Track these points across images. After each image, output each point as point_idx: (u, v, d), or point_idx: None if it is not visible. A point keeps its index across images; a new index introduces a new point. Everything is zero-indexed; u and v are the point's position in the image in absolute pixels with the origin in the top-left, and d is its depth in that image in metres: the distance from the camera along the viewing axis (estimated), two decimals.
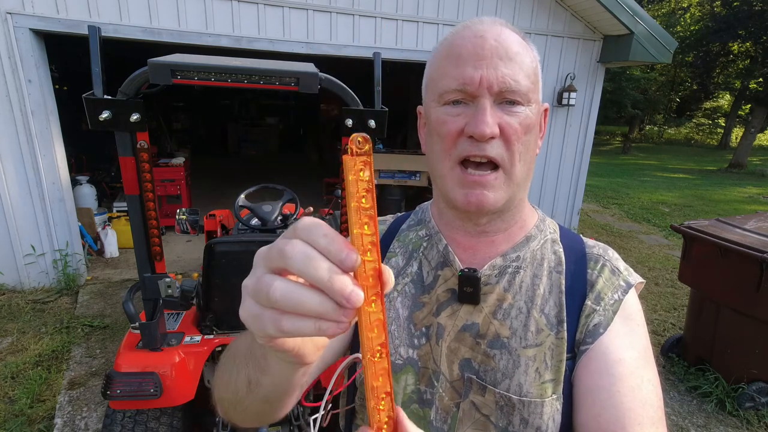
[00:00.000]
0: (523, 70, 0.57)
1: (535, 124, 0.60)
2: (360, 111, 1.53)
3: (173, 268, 4.50)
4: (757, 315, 2.55)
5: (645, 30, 4.67)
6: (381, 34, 4.38)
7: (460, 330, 0.63)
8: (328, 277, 0.29)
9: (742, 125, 20.28)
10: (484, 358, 0.61)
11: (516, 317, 0.61)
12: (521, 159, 0.59)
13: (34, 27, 3.40)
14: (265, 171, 9.73)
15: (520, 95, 0.57)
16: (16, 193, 3.68)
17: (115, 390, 1.59)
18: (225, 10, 3.83)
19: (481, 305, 0.63)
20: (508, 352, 0.60)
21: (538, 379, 0.58)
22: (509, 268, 0.63)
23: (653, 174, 13.23)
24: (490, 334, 0.61)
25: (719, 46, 16.76)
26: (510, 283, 0.63)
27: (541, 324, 0.61)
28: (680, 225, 2.99)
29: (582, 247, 0.67)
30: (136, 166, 1.43)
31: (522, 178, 0.61)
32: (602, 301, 0.61)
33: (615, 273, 0.64)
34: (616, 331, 0.59)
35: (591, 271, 0.64)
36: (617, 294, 0.62)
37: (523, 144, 0.58)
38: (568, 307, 0.62)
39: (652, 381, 0.57)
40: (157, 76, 1.28)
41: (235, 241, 1.81)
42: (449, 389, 0.62)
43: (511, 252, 0.64)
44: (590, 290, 0.62)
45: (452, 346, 0.63)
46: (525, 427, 0.58)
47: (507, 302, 0.62)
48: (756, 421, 2.67)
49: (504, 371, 0.60)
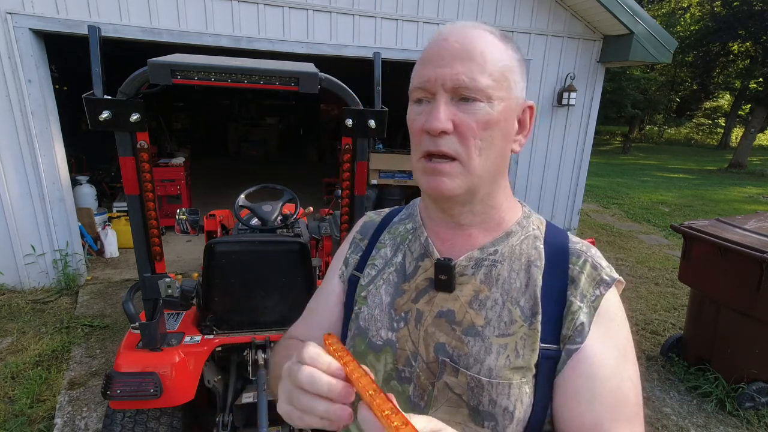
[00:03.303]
0: (484, 68, 0.59)
1: (497, 120, 0.61)
2: (360, 111, 1.53)
3: (173, 268, 4.50)
4: (757, 315, 2.55)
5: (645, 30, 4.67)
6: (381, 34, 4.38)
7: (436, 316, 0.68)
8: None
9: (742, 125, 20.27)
10: (458, 343, 0.65)
11: (491, 308, 0.65)
12: (481, 154, 0.61)
13: (34, 27, 3.40)
14: (265, 171, 9.73)
15: (477, 92, 0.59)
16: (16, 193, 3.68)
17: (115, 390, 1.59)
18: (225, 10, 3.83)
19: (456, 294, 0.67)
20: (481, 339, 0.64)
21: (508, 365, 0.62)
22: (486, 261, 0.67)
23: (653, 174, 13.23)
24: (466, 323, 0.66)
25: (719, 46, 16.76)
26: (487, 276, 0.66)
27: (515, 315, 0.64)
28: (680, 225, 2.99)
29: (566, 242, 0.68)
30: (136, 166, 1.43)
31: (484, 172, 0.63)
32: (585, 298, 0.63)
33: (596, 268, 0.65)
34: (598, 333, 0.62)
35: (572, 266, 0.65)
36: (599, 290, 0.64)
37: (482, 140, 0.61)
38: (546, 299, 0.64)
39: (631, 378, 0.62)
40: (157, 76, 1.27)
41: (235, 241, 1.81)
42: (425, 369, 0.67)
43: (489, 246, 0.68)
44: (571, 284, 0.64)
45: (429, 330, 0.68)
46: (493, 407, 0.62)
47: (483, 294, 0.66)
48: (756, 421, 2.67)
49: (476, 356, 0.64)
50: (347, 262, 0.81)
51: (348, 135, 1.57)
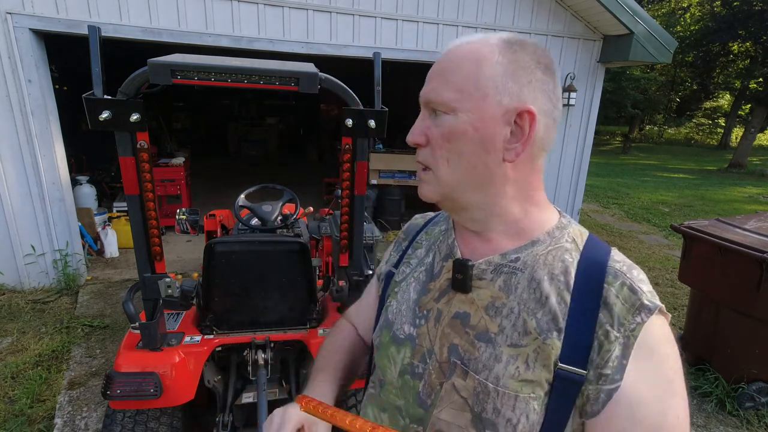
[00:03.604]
0: (449, 82, 0.62)
1: (463, 131, 0.62)
2: (360, 111, 1.53)
3: (173, 268, 4.50)
4: (757, 315, 2.55)
5: (645, 30, 4.66)
6: (381, 34, 4.38)
7: (453, 317, 0.69)
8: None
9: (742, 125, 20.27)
10: (469, 347, 0.66)
11: (506, 316, 0.64)
12: (449, 164, 0.64)
13: (34, 27, 3.40)
14: (265, 171, 9.73)
15: (441, 105, 0.63)
16: (16, 193, 3.68)
17: (115, 390, 1.59)
18: (225, 10, 3.83)
19: (473, 297, 0.67)
20: (492, 346, 0.64)
21: (516, 376, 0.61)
22: (506, 267, 0.66)
23: (653, 174, 13.23)
24: (480, 327, 0.65)
25: (719, 46, 16.76)
26: (506, 283, 0.65)
27: (530, 327, 0.62)
28: (680, 225, 2.99)
29: (604, 259, 0.63)
30: (136, 166, 1.43)
31: (453, 181, 0.65)
32: (622, 326, 0.58)
33: (635, 292, 0.59)
34: (638, 369, 0.57)
35: (607, 286, 0.60)
36: (639, 317, 0.58)
37: (449, 150, 0.64)
38: (573, 318, 0.60)
39: (678, 416, 0.57)
40: (157, 76, 1.27)
41: (235, 241, 1.81)
42: (437, 368, 0.68)
43: (512, 253, 0.66)
44: (604, 307, 0.59)
45: (446, 330, 0.69)
46: (497, 416, 0.62)
47: (500, 301, 0.65)
48: (756, 421, 2.67)
49: (485, 362, 0.64)
50: (389, 259, 0.88)
51: (348, 135, 1.57)
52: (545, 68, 0.63)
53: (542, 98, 0.62)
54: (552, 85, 0.63)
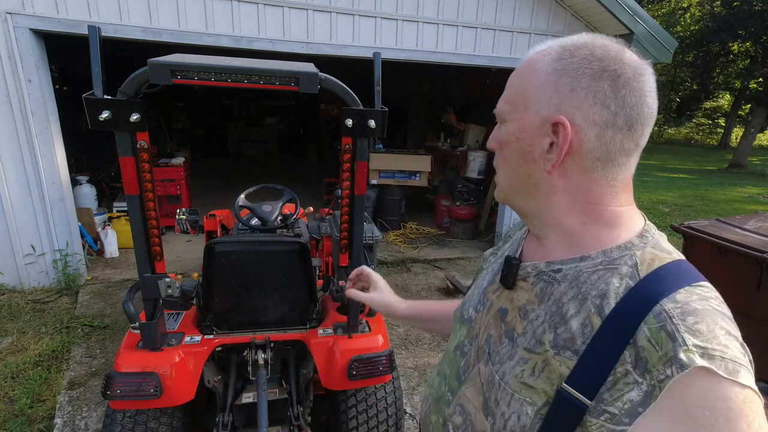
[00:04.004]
0: (506, 93, 0.67)
1: (508, 141, 0.66)
2: (360, 111, 1.53)
3: (173, 268, 4.50)
4: (757, 315, 2.55)
5: (645, 30, 4.67)
6: (381, 34, 4.38)
7: (497, 310, 0.73)
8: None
9: (742, 125, 20.27)
10: (498, 340, 0.70)
11: (532, 321, 0.65)
12: (501, 170, 0.70)
13: (34, 27, 3.40)
14: (265, 171, 9.73)
15: (499, 116, 0.68)
16: (16, 193, 3.68)
17: (115, 390, 1.59)
18: (225, 10, 3.83)
19: (514, 296, 0.70)
20: (512, 344, 0.67)
21: (519, 378, 0.63)
22: (546, 275, 0.66)
23: (653, 174, 13.23)
24: (510, 325, 0.69)
25: (719, 46, 16.75)
26: (542, 291, 0.66)
27: (546, 338, 0.61)
28: (680, 225, 2.99)
29: (660, 295, 0.54)
30: (136, 166, 1.43)
31: (505, 185, 0.70)
32: (649, 372, 0.50)
33: (673, 339, 0.50)
34: (660, 428, 0.49)
35: (643, 325, 0.52)
36: (669, 369, 0.49)
37: (502, 157, 0.69)
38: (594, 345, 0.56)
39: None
40: (157, 76, 1.27)
41: (235, 241, 1.81)
42: (475, 351, 0.75)
43: (557, 263, 0.65)
44: (631, 345, 0.53)
45: (489, 320, 0.74)
46: (496, 406, 0.66)
47: (532, 306, 0.66)
48: None
49: (501, 357, 0.68)
50: (495, 250, 0.92)
51: (348, 135, 1.57)
52: (597, 72, 0.58)
53: (589, 106, 0.58)
54: (609, 89, 0.58)
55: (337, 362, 1.80)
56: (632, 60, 0.59)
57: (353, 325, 1.87)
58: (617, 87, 0.58)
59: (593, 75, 0.58)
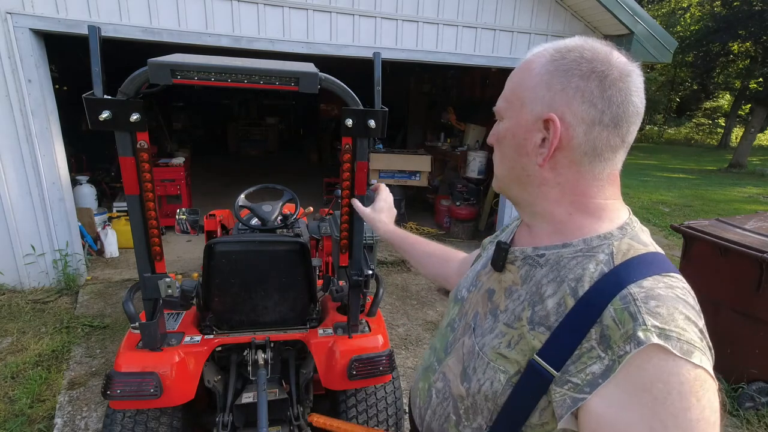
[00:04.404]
0: (504, 93, 0.73)
1: (504, 136, 0.72)
2: (360, 111, 1.53)
3: (173, 268, 4.50)
4: (757, 315, 2.55)
5: (645, 30, 4.67)
6: (381, 34, 4.38)
7: (486, 290, 0.79)
8: None
9: (742, 125, 20.28)
10: (483, 316, 0.77)
11: (514, 300, 0.71)
12: (500, 163, 0.75)
13: (34, 27, 3.40)
14: (265, 171, 9.73)
15: (497, 113, 0.74)
16: (16, 193, 3.68)
17: (115, 390, 1.59)
18: (225, 10, 3.83)
19: (501, 277, 0.76)
20: (494, 320, 0.73)
21: (495, 349, 0.70)
22: (531, 260, 0.72)
23: (653, 174, 13.23)
24: (495, 303, 0.75)
25: (719, 46, 16.74)
26: (527, 273, 0.71)
27: (524, 315, 0.68)
28: (680, 225, 2.99)
29: (629, 281, 0.59)
30: (136, 166, 1.43)
31: (502, 177, 0.76)
32: (610, 349, 0.55)
33: (634, 319, 0.55)
34: (618, 398, 0.54)
35: (610, 306, 0.57)
36: (628, 346, 0.54)
37: (499, 150, 0.75)
38: (566, 323, 0.61)
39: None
40: (157, 76, 1.27)
41: (235, 241, 1.81)
42: (463, 327, 0.82)
43: (542, 249, 0.71)
44: (597, 324, 0.57)
45: (478, 299, 0.80)
46: (473, 373, 0.73)
47: (516, 286, 0.72)
48: (756, 421, 2.67)
49: (483, 331, 0.74)
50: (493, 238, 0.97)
51: (348, 135, 1.57)
52: (586, 73, 0.62)
53: (578, 104, 0.62)
54: (596, 88, 0.62)
55: (337, 362, 1.80)
56: (619, 62, 0.63)
57: (353, 325, 1.87)
58: (604, 87, 0.62)
59: (582, 75, 0.62)
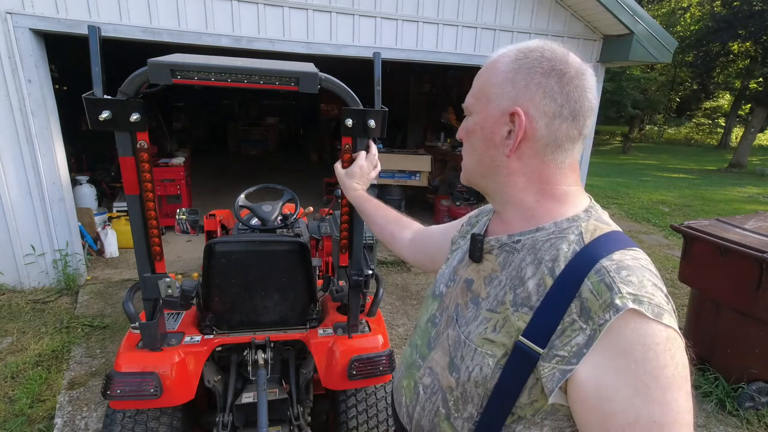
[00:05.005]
0: (472, 90, 0.77)
1: (473, 129, 0.76)
2: (360, 111, 1.53)
3: (173, 268, 4.50)
4: (757, 315, 2.55)
5: (645, 30, 4.67)
6: (381, 34, 4.38)
7: (464, 281, 0.82)
8: None
9: (742, 125, 20.28)
10: (464, 306, 0.79)
11: (495, 286, 0.74)
12: (468, 156, 0.80)
13: (34, 27, 3.40)
14: (265, 171, 9.73)
15: (466, 109, 0.79)
16: (16, 193, 3.68)
17: (115, 390, 1.59)
18: (225, 10, 3.83)
19: (479, 267, 0.79)
20: (477, 308, 0.76)
21: (482, 335, 0.72)
22: (508, 246, 0.75)
23: (653, 174, 13.23)
24: (475, 292, 0.78)
25: (719, 46, 16.75)
26: (505, 260, 0.75)
27: (507, 299, 0.71)
28: (680, 225, 2.99)
29: (600, 256, 0.64)
30: (136, 166, 1.43)
31: (470, 169, 0.80)
32: (591, 319, 0.60)
33: (611, 289, 0.60)
34: (602, 363, 0.59)
35: (586, 281, 0.62)
36: (607, 314, 0.59)
37: (468, 144, 0.79)
38: (546, 301, 0.65)
39: (655, 420, 0.56)
40: (157, 76, 1.27)
41: (235, 241, 1.81)
42: (445, 320, 0.83)
43: (517, 235, 0.75)
44: (577, 298, 0.62)
45: (458, 291, 0.83)
46: (461, 362, 0.74)
47: (496, 273, 0.75)
48: (756, 421, 2.67)
49: (467, 320, 0.76)
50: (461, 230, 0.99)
51: (348, 135, 1.57)
52: (547, 71, 0.68)
53: (540, 99, 0.68)
54: (556, 85, 0.67)
55: (337, 362, 1.80)
56: (575, 62, 0.70)
57: (353, 325, 1.87)
58: (563, 83, 0.68)
59: (543, 73, 0.68)
